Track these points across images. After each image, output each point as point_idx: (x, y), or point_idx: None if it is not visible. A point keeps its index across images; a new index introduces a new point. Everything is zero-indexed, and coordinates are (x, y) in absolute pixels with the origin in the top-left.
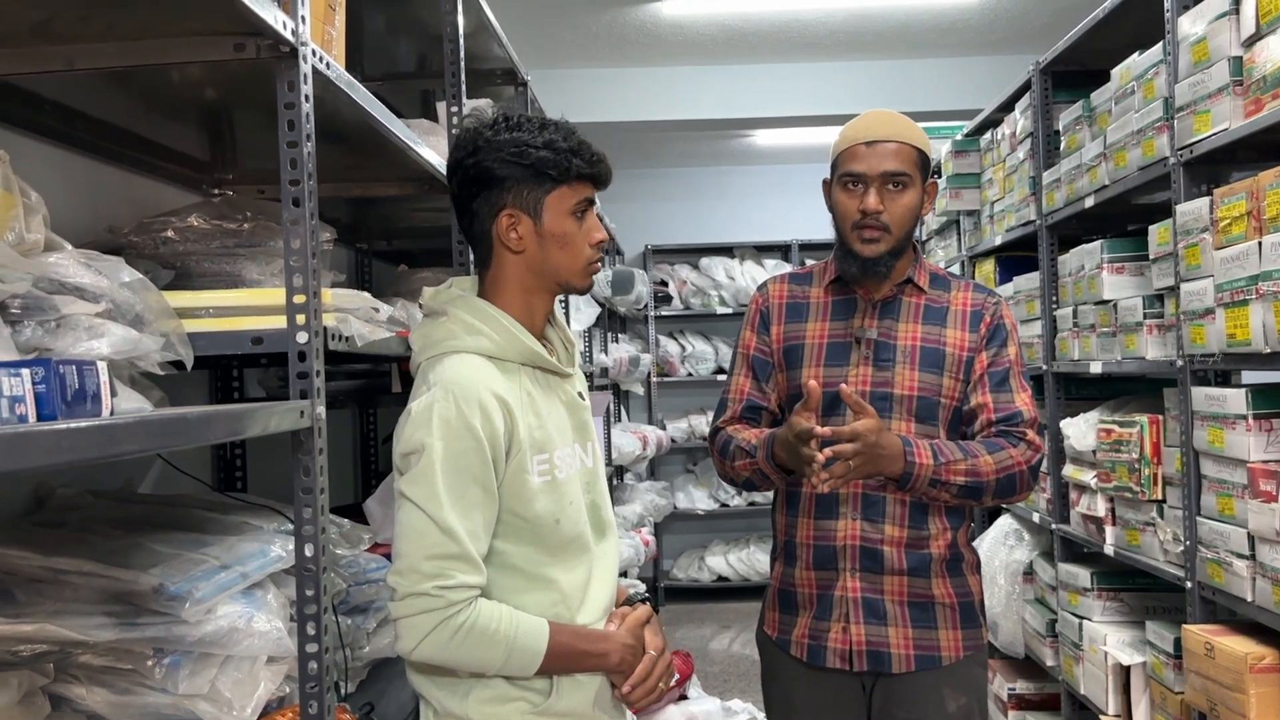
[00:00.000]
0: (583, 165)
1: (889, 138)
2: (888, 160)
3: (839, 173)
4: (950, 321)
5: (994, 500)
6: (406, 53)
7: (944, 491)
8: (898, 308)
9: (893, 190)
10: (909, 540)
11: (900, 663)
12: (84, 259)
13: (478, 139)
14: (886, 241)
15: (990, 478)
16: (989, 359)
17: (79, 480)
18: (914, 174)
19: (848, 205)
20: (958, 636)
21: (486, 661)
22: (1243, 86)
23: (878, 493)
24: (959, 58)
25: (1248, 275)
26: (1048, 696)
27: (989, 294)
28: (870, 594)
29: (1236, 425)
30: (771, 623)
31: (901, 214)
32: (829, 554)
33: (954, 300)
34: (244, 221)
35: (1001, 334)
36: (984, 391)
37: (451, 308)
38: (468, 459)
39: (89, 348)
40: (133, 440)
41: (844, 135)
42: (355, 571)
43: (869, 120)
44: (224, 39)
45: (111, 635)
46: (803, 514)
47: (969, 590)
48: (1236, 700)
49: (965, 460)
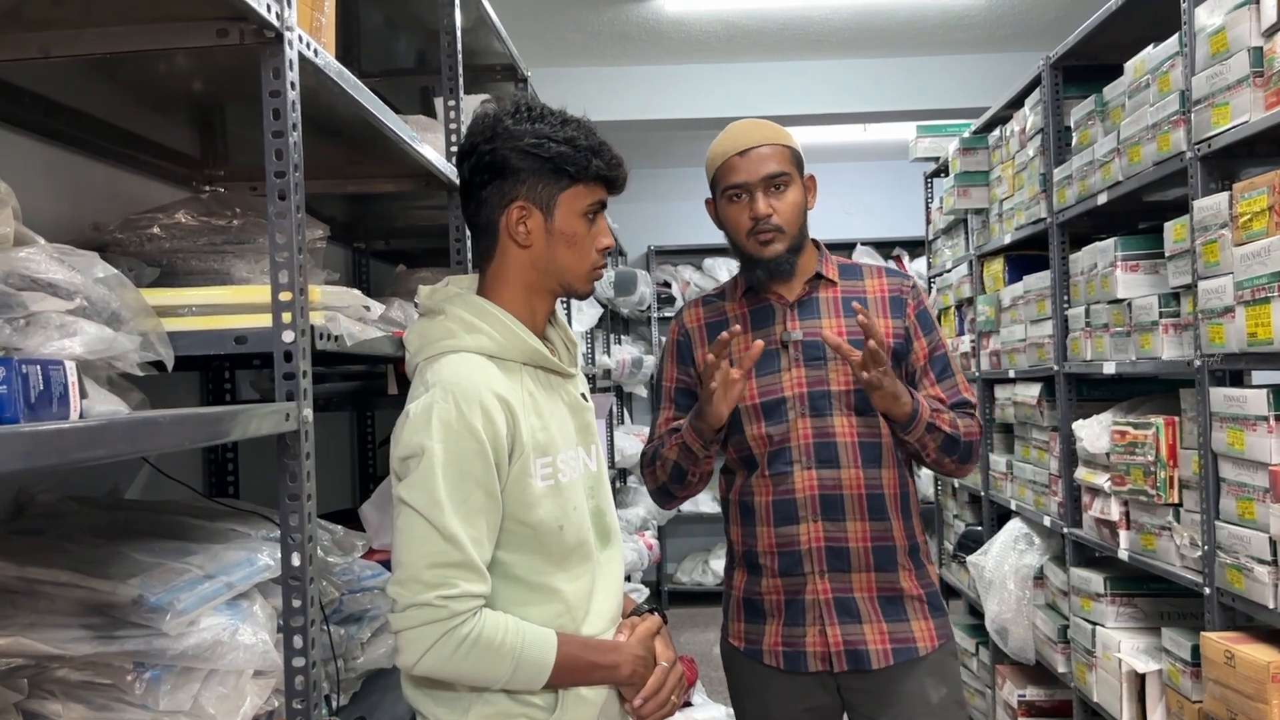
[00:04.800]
0: (602, 166)
1: (760, 142)
2: (765, 164)
3: (721, 188)
4: (872, 310)
5: (957, 464)
6: (406, 49)
7: (933, 439)
8: (816, 305)
9: (775, 191)
10: (872, 534)
11: (879, 658)
12: (57, 254)
13: (497, 125)
14: (782, 240)
15: (963, 438)
16: (927, 347)
17: (62, 486)
18: (792, 172)
19: (738, 217)
20: (930, 626)
21: (492, 675)
22: (1263, 78)
23: (835, 491)
24: (965, 54)
25: (1270, 272)
26: (1059, 703)
27: (903, 278)
28: (841, 593)
29: (1257, 426)
30: (737, 634)
31: (790, 212)
32: (794, 559)
33: (870, 288)
34: (233, 218)
35: (928, 319)
36: (931, 381)
37: (449, 306)
38: (470, 462)
39: (60, 347)
40: (98, 445)
41: (714, 152)
42: (349, 580)
43: (735, 132)
44: (207, 24)
45: (89, 649)
46: (761, 523)
47: (930, 579)
48: (1258, 710)
49: (946, 413)
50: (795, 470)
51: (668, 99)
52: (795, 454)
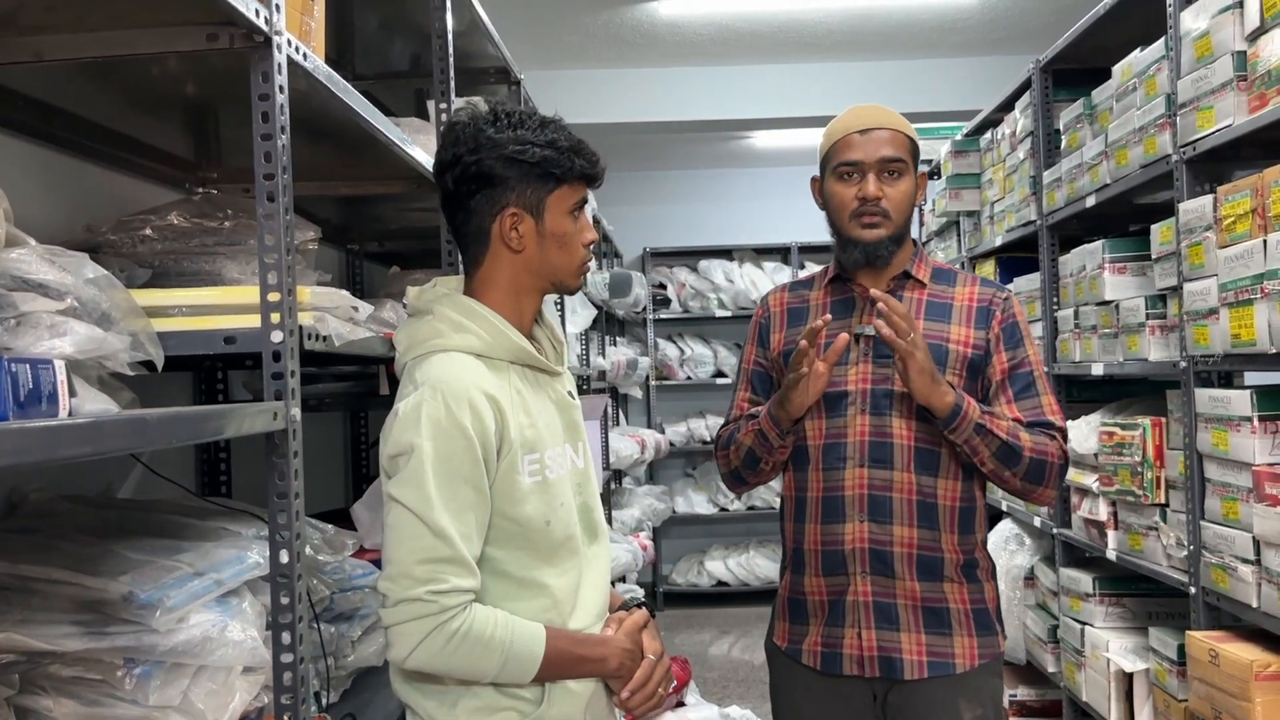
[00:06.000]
0: (584, 165)
1: (883, 125)
2: (884, 147)
3: (833, 164)
4: (955, 317)
5: (1023, 481)
6: (400, 52)
7: (985, 445)
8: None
9: (889, 177)
10: (919, 542)
11: (912, 669)
12: (47, 255)
13: (479, 135)
14: (887, 227)
15: (1027, 452)
16: (1008, 361)
17: (55, 485)
18: (909, 161)
19: (844, 195)
20: (973, 644)
21: (482, 669)
22: (1247, 82)
23: (884, 493)
24: (959, 58)
25: (1252, 274)
26: (1049, 703)
27: (997, 288)
28: (882, 598)
29: (1241, 427)
30: (781, 633)
31: (900, 200)
32: (838, 559)
33: (959, 295)
34: (225, 220)
35: (1016, 333)
36: (1008, 399)
37: (438, 306)
38: (458, 459)
39: (50, 346)
40: (85, 442)
41: (834, 128)
42: (340, 578)
43: (859, 111)
44: (197, 29)
45: (80, 645)
46: (810, 520)
47: (983, 596)
48: (1242, 708)
49: (1006, 421)
50: (847, 467)
51: (662, 101)
52: (849, 450)
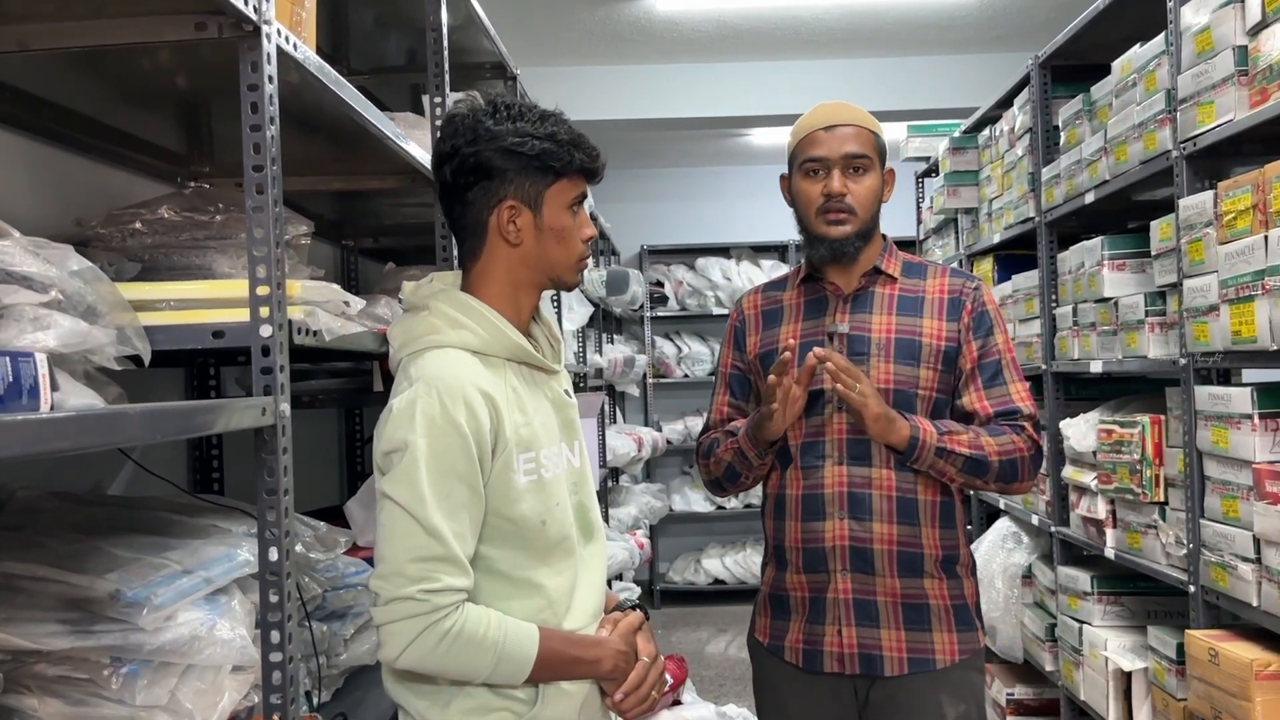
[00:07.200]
0: (584, 159)
1: (847, 121)
2: (848, 143)
3: (799, 162)
4: (927, 311)
5: (997, 484)
6: (396, 47)
7: (950, 465)
8: (870, 300)
9: (854, 174)
10: (899, 538)
11: (892, 665)
12: (31, 247)
13: (478, 127)
14: (853, 223)
15: (993, 457)
16: (977, 350)
17: (43, 482)
18: (874, 157)
19: (810, 191)
20: (953, 640)
21: (474, 669)
22: (1248, 76)
23: (863, 490)
24: (958, 55)
25: (1253, 270)
26: (1047, 702)
27: (967, 278)
28: (862, 595)
29: (1241, 425)
30: (763, 629)
31: (865, 196)
32: (819, 556)
33: (930, 288)
34: (216, 214)
35: (986, 321)
36: (976, 388)
37: (433, 302)
38: (453, 457)
39: (34, 340)
40: (64, 436)
41: (800, 126)
42: (333, 576)
43: (824, 109)
44: (185, 18)
45: (66, 643)
46: (790, 517)
47: (963, 592)
48: (1241, 708)
49: (966, 433)
50: (826, 465)
51: (659, 98)
52: (828, 448)
